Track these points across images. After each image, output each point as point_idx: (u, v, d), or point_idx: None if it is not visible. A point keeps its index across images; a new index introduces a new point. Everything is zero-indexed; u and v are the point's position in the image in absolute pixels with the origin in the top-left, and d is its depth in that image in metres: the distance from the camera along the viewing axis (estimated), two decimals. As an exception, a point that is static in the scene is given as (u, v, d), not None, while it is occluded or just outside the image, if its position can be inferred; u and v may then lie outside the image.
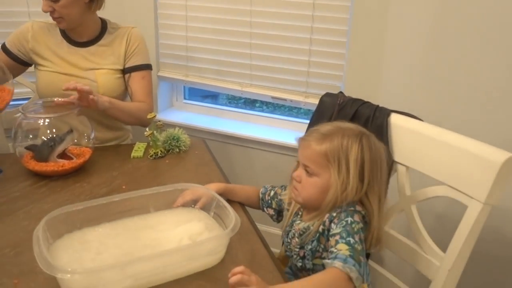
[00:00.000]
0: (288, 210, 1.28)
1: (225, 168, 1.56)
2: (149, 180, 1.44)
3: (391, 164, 1.30)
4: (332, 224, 1.08)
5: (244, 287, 0.87)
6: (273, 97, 2.24)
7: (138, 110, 1.76)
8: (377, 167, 1.10)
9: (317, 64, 2.07)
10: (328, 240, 1.10)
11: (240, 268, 0.89)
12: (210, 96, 2.68)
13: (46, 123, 1.44)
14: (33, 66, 1.79)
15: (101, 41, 1.77)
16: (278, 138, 2.19)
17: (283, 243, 1.34)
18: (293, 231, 1.21)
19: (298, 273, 1.23)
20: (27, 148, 1.44)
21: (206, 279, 1.01)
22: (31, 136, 1.46)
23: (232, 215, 1.07)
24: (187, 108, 2.59)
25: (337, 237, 1.02)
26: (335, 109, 1.43)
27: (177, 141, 1.63)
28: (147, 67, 1.85)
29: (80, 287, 0.93)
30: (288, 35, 2.08)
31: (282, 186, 1.34)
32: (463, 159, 1.12)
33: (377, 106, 1.38)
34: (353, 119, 1.39)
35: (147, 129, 1.59)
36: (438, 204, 1.66)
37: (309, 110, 2.28)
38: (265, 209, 1.36)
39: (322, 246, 1.13)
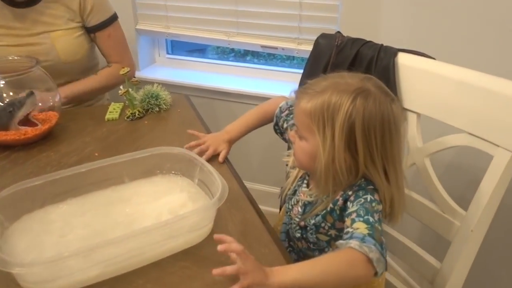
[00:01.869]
0: (291, 172, 1.11)
1: (213, 127, 1.39)
2: (127, 145, 1.27)
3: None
4: (348, 203, 0.91)
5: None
6: (262, 46, 2.04)
7: (108, 80, 1.66)
8: (374, 134, 0.86)
9: (309, 6, 1.86)
10: (338, 219, 0.95)
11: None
12: (197, 50, 2.46)
13: (2, 85, 1.25)
14: None
15: None
16: (271, 91, 2.01)
17: (282, 201, 1.18)
18: (297, 197, 1.05)
19: (295, 241, 1.08)
20: (-17, 116, 1.26)
21: (191, 259, 0.86)
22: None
23: (219, 182, 0.91)
24: (171, 64, 2.39)
25: (354, 215, 0.85)
26: (333, 51, 1.25)
27: (156, 99, 1.45)
28: (110, 21, 1.65)
29: (40, 280, 0.77)
30: (275, -26, 1.87)
31: None
32: (486, 101, 0.95)
33: (381, 45, 1.20)
34: (353, 62, 1.21)
35: (121, 87, 1.41)
36: (449, 156, 1.51)
37: (303, 59, 2.09)
38: (278, 133, 1.22)
39: (328, 224, 0.97)
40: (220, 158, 1.18)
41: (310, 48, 1.37)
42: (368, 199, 0.88)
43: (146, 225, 0.83)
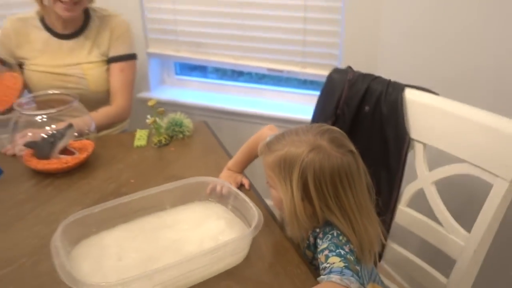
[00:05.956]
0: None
1: (235, 150, 1.51)
2: (158, 172, 1.39)
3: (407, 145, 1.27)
4: (318, 240, 1.00)
5: None
6: (268, 69, 2.17)
7: (103, 120, 1.68)
8: (326, 186, 0.94)
9: (313, 32, 2.00)
10: (315, 255, 1.04)
11: None
12: (199, 67, 2.59)
13: (45, 119, 1.37)
14: None
15: (86, 32, 1.70)
16: (288, 112, 2.13)
17: None
18: None
19: None
20: (27, 145, 1.37)
21: (233, 278, 0.98)
22: (29, 134, 1.39)
23: (254, 210, 1.04)
24: (180, 84, 2.51)
25: (326, 252, 0.94)
26: (345, 85, 1.38)
27: (180, 127, 1.57)
28: (129, 57, 1.77)
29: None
30: (281, 3, 2.00)
31: None
32: (485, 135, 1.09)
33: (389, 81, 1.33)
34: (365, 96, 1.34)
35: (148, 116, 1.52)
36: (456, 185, 1.64)
37: (311, 82, 2.21)
38: None
39: (309, 258, 1.09)
40: (247, 185, 1.31)
41: (314, 71, 1.48)
42: (335, 234, 0.97)
43: (193, 251, 0.98)
